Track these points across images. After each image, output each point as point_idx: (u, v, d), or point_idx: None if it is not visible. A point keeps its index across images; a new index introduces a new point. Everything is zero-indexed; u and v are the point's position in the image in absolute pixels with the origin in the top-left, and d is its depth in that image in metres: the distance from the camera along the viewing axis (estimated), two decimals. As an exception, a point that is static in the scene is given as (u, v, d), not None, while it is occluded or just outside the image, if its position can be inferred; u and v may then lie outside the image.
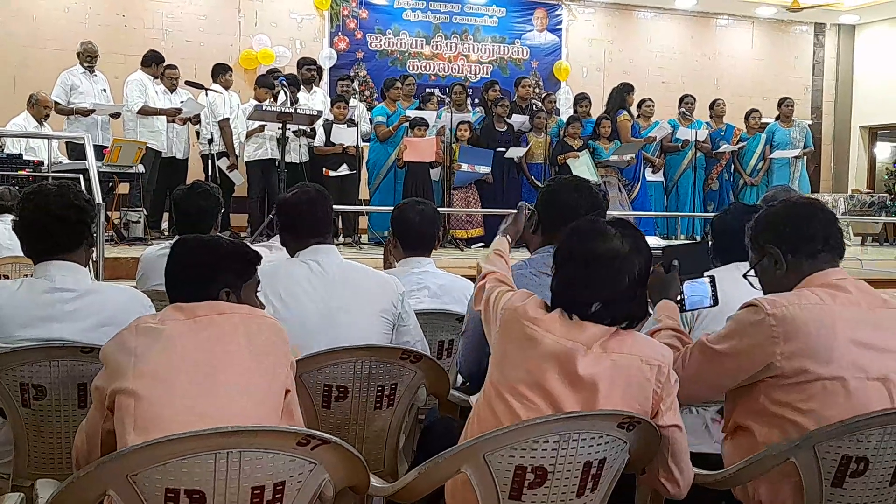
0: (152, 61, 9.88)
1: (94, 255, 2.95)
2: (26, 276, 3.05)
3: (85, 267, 2.88)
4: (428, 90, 11.48)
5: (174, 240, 2.64)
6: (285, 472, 1.95)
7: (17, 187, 6.46)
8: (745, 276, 2.59)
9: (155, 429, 2.04)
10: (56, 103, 9.39)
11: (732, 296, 2.70)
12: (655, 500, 2.49)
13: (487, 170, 9.87)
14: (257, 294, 2.56)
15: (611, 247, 2.23)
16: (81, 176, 7.16)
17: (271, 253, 4.03)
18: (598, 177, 10.17)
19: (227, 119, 9.82)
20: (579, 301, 2.23)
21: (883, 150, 16.81)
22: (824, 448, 2.19)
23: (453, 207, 9.82)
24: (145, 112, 9.58)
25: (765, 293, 2.49)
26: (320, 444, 1.95)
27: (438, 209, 4.02)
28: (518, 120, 10.54)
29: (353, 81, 11.43)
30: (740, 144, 11.55)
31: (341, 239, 9.85)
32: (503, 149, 10.10)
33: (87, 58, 9.62)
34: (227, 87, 10.09)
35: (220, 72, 10.18)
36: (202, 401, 2.14)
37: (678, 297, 2.73)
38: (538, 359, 2.20)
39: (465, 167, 9.81)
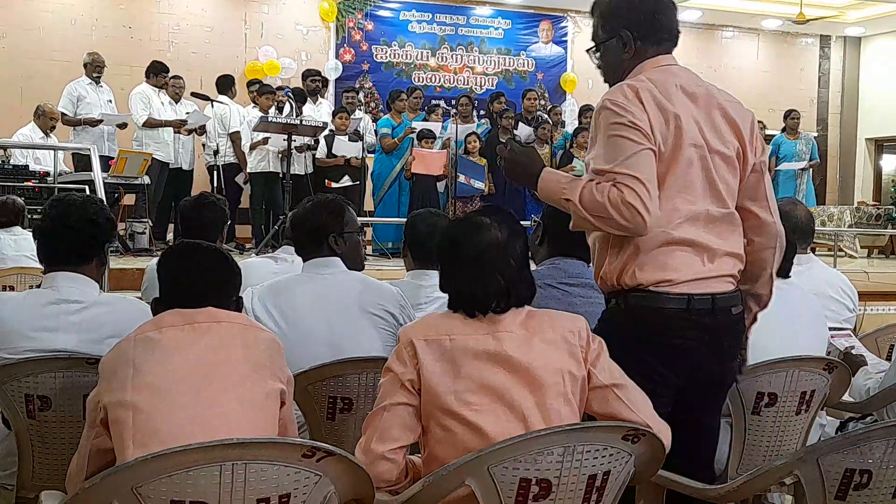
0: (155, 72, 9.91)
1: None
2: (32, 286, 3.06)
3: (95, 282, 2.88)
4: (433, 102, 11.51)
5: (175, 244, 2.64)
6: (290, 485, 1.95)
7: (22, 198, 6.49)
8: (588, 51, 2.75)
9: (154, 442, 2.04)
10: (63, 114, 9.43)
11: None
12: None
13: (482, 185, 9.91)
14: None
15: (491, 236, 2.27)
16: (87, 187, 7.18)
17: (276, 265, 4.05)
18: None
19: (238, 132, 9.86)
20: (477, 296, 2.25)
21: (889, 163, 16.80)
22: (828, 461, 2.19)
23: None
24: (150, 125, 9.62)
25: (604, 72, 2.69)
26: (325, 456, 1.95)
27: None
28: (524, 131, 10.55)
29: (357, 93, 11.46)
30: (745, 156, 11.55)
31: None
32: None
33: (95, 69, 9.66)
34: (231, 98, 10.13)
35: (231, 84, 10.23)
36: (201, 412, 2.14)
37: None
38: (471, 363, 2.20)
39: (462, 178, 9.86)
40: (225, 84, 10.23)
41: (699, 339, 2.49)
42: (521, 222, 2.43)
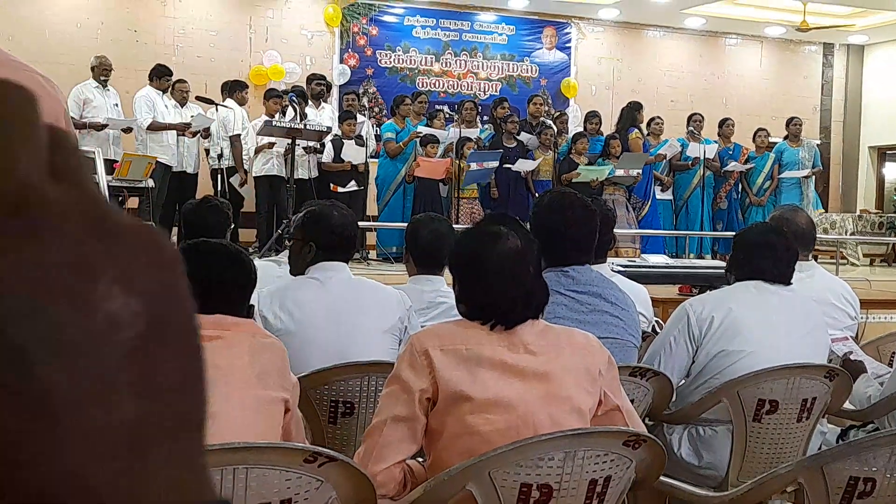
0: (158, 75, 9.94)
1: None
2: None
3: None
4: (436, 107, 11.53)
5: (191, 242, 2.54)
6: (292, 490, 1.95)
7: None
8: None
9: None
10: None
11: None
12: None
13: (495, 163, 9.85)
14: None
15: (511, 245, 2.26)
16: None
17: (280, 268, 4.05)
18: (610, 166, 10.20)
19: (239, 135, 9.87)
20: (499, 306, 2.24)
21: (891, 171, 16.77)
22: (833, 468, 2.19)
23: (460, 223, 9.83)
24: (154, 128, 9.64)
25: None
26: (327, 461, 1.95)
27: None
28: (526, 139, 10.56)
29: (359, 98, 11.47)
30: (748, 166, 11.54)
31: (349, 255, 9.86)
32: (510, 165, 10.12)
33: (103, 72, 9.70)
34: (241, 104, 10.11)
35: (238, 88, 10.23)
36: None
37: None
38: (487, 373, 2.20)
39: (473, 166, 9.83)
40: (233, 88, 10.24)
41: None
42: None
